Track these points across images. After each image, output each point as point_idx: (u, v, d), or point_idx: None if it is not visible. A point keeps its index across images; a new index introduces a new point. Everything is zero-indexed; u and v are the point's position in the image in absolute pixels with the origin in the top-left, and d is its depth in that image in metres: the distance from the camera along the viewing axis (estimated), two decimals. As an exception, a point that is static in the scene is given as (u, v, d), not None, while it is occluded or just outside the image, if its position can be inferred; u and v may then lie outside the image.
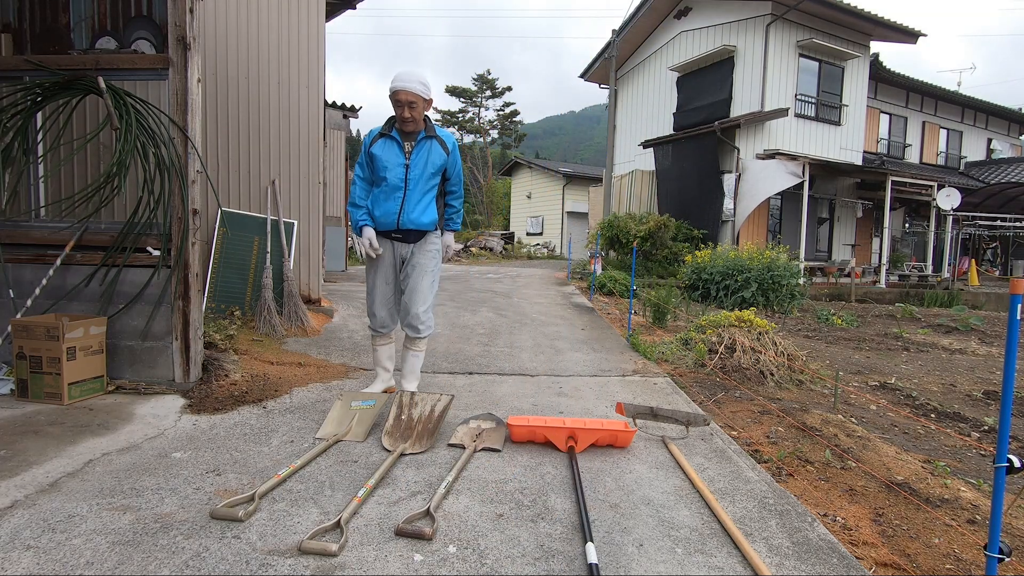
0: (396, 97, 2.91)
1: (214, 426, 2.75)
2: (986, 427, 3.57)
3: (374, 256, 3.09)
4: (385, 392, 3.25)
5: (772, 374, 4.26)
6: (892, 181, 13.70)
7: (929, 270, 15.28)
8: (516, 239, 23.63)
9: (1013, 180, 16.87)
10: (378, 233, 3.12)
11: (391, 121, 3.06)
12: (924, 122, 18.17)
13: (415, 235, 3.09)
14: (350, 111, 10.60)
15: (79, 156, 4.18)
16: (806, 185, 12.64)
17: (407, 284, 3.15)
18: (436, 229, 3.16)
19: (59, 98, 3.41)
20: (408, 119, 2.94)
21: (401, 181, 2.99)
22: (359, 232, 3.09)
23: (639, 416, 2.92)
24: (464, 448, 2.56)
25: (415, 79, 2.93)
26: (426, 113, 3.04)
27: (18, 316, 3.24)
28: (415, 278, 3.12)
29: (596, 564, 1.66)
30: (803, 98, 13.57)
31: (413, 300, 3.13)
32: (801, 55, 13.38)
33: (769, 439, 3.06)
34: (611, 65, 15.04)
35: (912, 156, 17.97)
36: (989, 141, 20.24)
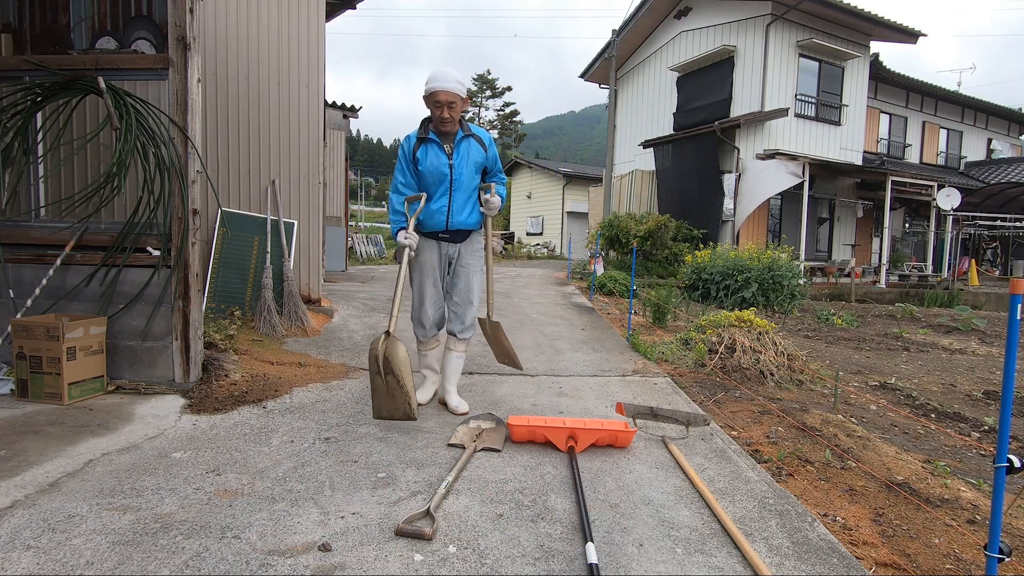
0: (435, 98, 2.84)
1: (214, 426, 2.75)
2: (986, 427, 3.57)
3: (412, 253, 2.96)
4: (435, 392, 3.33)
5: (772, 374, 4.26)
6: (892, 181, 13.70)
7: (929, 270, 15.28)
8: (516, 239, 23.62)
9: (1013, 180, 16.87)
10: (425, 234, 3.07)
11: (426, 124, 3.01)
12: (924, 122, 18.17)
13: (462, 235, 3.09)
14: (350, 111, 10.59)
15: (79, 156, 4.18)
16: (806, 185, 12.64)
17: (458, 285, 3.13)
18: (480, 228, 3.18)
19: (59, 98, 3.41)
20: (447, 119, 2.89)
21: (447, 182, 2.97)
22: (396, 237, 2.98)
23: (639, 416, 2.92)
24: (464, 448, 2.56)
25: (452, 78, 2.87)
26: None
27: (18, 316, 3.24)
28: (466, 279, 3.11)
29: (596, 564, 1.66)
30: (803, 98, 13.57)
31: (465, 301, 3.12)
32: (801, 55, 13.38)
33: (769, 439, 3.06)
34: (611, 65, 15.04)
35: (912, 156, 17.97)
36: (989, 141, 20.23)
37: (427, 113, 2.98)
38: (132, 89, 3.49)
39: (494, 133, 38.21)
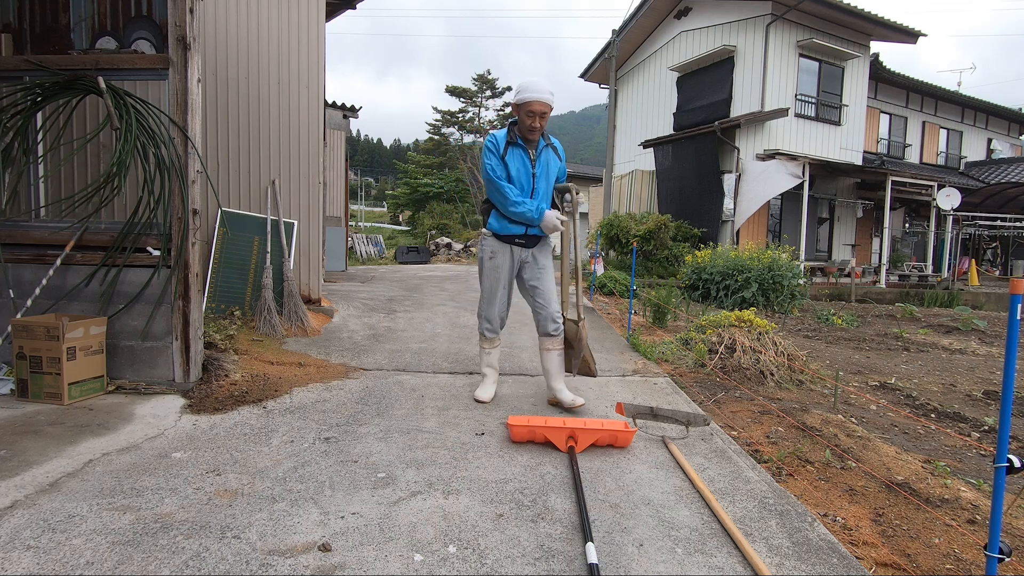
0: (530, 107, 2.94)
1: (214, 426, 2.75)
2: (986, 427, 3.57)
3: (563, 228, 3.11)
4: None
5: (772, 374, 4.26)
6: (892, 181, 13.70)
7: (929, 270, 15.27)
8: (516, 239, 23.58)
9: (1013, 180, 16.87)
10: (500, 238, 3.15)
11: (512, 128, 3.08)
12: (924, 122, 18.16)
13: (535, 239, 3.19)
14: (350, 111, 10.60)
15: (79, 156, 4.18)
16: (806, 185, 12.64)
17: (540, 287, 3.21)
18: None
19: (59, 98, 3.41)
20: (536, 128, 3.00)
21: (530, 188, 3.07)
22: (541, 217, 3.05)
23: (639, 416, 2.92)
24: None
25: (547, 90, 2.98)
26: None
27: (18, 316, 3.24)
28: (544, 280, 3.21)
29: (596, 564, 1.66)
30: (803, 98, 13.57)
31: (548, 300, 3.21)
32: (801, 55, 13.38)
33: (769, 439, 3.06)
34: (611, 65, 15.04)
35: (912, 156, 17.96)
36: (989, 141, 20.23)
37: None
38: (132, 89, 3.49)
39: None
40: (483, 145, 3.13)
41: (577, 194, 3.26)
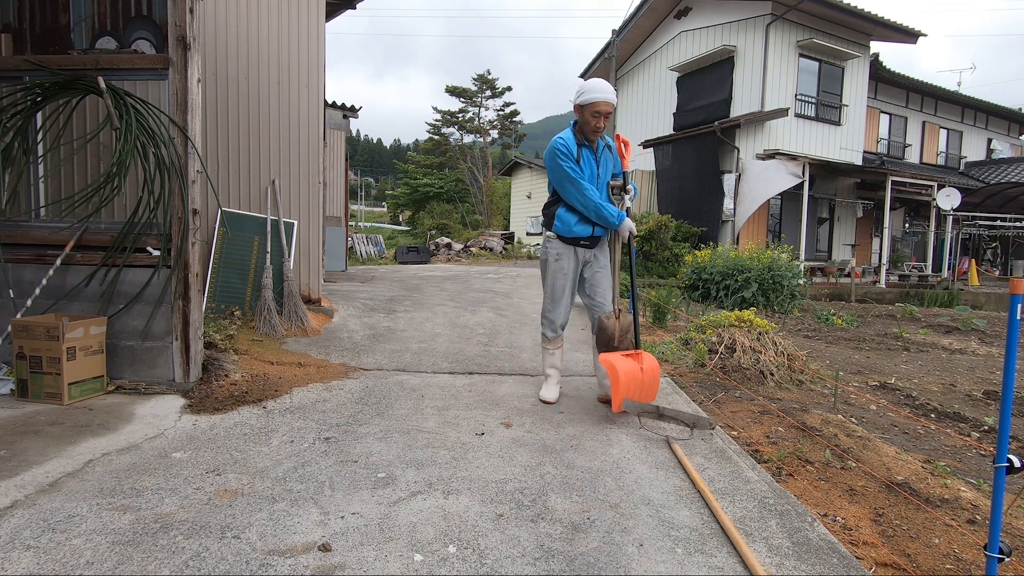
0: (597, 108, 2.98)
1: (214, 426, 2.75)
2: (986, 427, 3.57)
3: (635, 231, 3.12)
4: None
5: (772, 374, 4.25)
6: (892, 181, 13.70)
7: (929, 270, 15.27)
8: (516, 239, 23.62)
9: (1013, 180, 16.87)
10: (566, 240, 3.19)
11: (575, 130, 3.12)
12: (924, 122, 18.17)
13: (598, 240, 3.24)
14: (350, 111, 10.60)
15: (79, 156, 4.18)
16: (806, 185, 12.64)
17: (599, 286, 3.26)
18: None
19: (59, 98, 3.41)
20: (601, 129, 3.05)
21: (594, 187, 3.11)
22: (621, 222, 3.07)
23: (645, 415, 2.93)
24: None
25: (613, 91, 3.04)
26: None
27: (18, 316, 3.24)
28: (603, 277, 3.27)
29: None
30: (803, 98, 13.57)
31: (606, 299, 3.26)
32: (801, 55, 13.38)
33: (769, 439, 3.06)
34: (611, 65, 15.04)
35: (912, 156, 17.96)
36: (989, 141, 20.23)
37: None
38: (132, 89, 3.49)
39: (494, 133, 38.12)
40: (551, 149, 3.11)
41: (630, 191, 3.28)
